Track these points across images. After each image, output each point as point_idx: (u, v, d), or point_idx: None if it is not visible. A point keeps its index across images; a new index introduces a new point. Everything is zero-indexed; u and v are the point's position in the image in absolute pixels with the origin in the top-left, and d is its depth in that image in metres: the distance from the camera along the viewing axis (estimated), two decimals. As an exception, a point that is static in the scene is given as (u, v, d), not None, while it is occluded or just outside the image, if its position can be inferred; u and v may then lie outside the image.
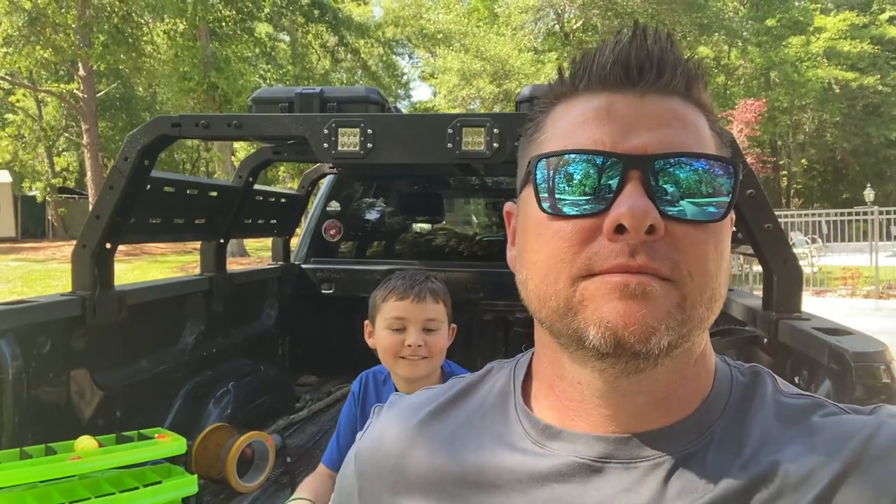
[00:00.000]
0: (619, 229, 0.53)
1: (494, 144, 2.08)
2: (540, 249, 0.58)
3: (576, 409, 0.61)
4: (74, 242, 2.34)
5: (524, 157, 0.64)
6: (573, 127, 0.58)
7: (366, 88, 2.62)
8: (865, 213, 14.35)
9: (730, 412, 0.60)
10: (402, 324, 1.74)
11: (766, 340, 2.03)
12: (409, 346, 1.71)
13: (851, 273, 13.21)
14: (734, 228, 2.28)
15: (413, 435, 0.69)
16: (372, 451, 0.72)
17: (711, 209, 0.55)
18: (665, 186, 0.54)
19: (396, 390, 1.85)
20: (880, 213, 13.73)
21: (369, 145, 2.17)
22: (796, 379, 1.83)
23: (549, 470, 0.59)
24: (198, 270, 3.28)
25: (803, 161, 37.83)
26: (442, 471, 0.65)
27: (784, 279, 2.01)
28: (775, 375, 0.64)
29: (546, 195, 0.57)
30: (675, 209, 0.54)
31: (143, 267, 17.72)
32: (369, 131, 2.17)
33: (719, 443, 0.57)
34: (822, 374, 1.65)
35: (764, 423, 0.58)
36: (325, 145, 2.19)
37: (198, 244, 3.30)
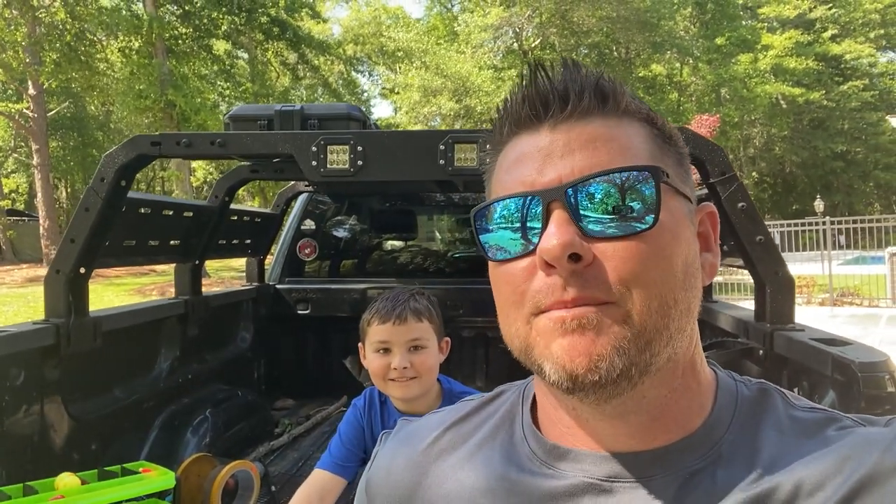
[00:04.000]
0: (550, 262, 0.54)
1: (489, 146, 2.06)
2: (498, 296, 0.61)
3: (578, 430, 0.61)
4: (24, 266, 2.23)
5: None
6: (504, 174, 0.61)
7: (347, 105, 2.58)
8: (817, 224, 14.82)
9: (737, 427, 0.59)
10: (387, 346, 1.73)
11: (761, 352, 2.05)
12: (395, 368, 1.70)
13: (806, 282, 13.60)
14: (719, 241, 2.27)
15: (421, 462, 0.69)
16: (382, 481, 0.72)
17: (637, 220, 0.55)
18: (585, 211, 0.55)
19: (396, 409, 1.82)
20: (832, 223, 14.20)
21: (359, 163, 2.13)
22: (795, 390, 1.84)
23: (560, 491, 0.59)
24: (155, 292, 3.18)
25: (754, 174, 39.07)
26: (453, 497, 0.64)
27: (777, 290, 2.03)
28: (784, 390, 0.63)
29: (489, 244, 0.60)
30: (601, 229, 0.55)
31: (97, 290, 17.11)
32: (359, 148, 2.13)
33: (729, 459, 0.56)
34: (826, 384, 1.67)
35: (776, 438, 0.57)
36: (314, 163, 2.14)
37: (154, 266, 3.19)
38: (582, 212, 0.55)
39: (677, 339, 0.56)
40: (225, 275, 20.32)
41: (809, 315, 11.23)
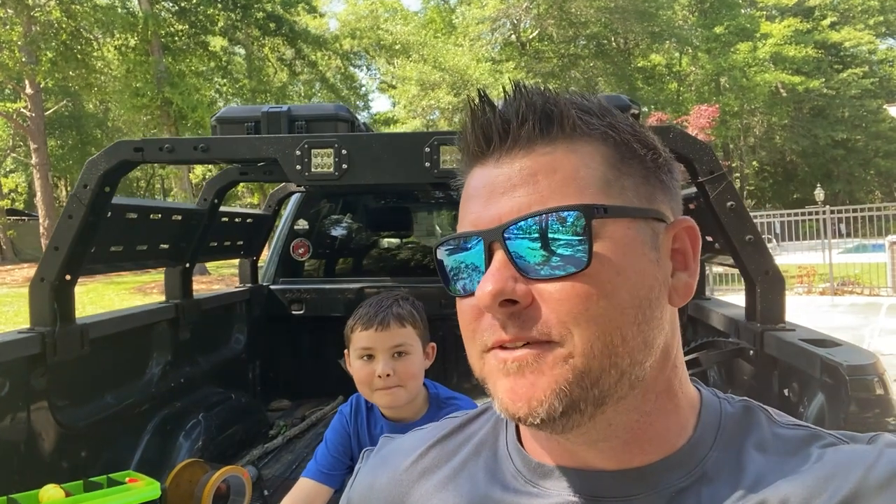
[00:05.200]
0: None
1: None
2: (460, 326, 0.61)
3: (557, 449, 0.61)
4: (25, 266, 2.21)
5: None
6: (461, 208, 0.61)
7: (335, 106, 2.55)
8: (817, 213, 14.76)
9: (720, 445, 0.58)
10: (371, 352, 1.72)
11: (752, 352, 2.03)
12: (379, 375, 1.69)
13: (807, 271, 13.58)
14: (710, 238, 2.24)
15: (404, 482, 0.69)
16: (364, 501, 0.72)
17: (573, 259, 0.53)
18: (523, 252, 0.54)
19: (383, 415, 1.81)
20: (832, 212, 14.16)
21: (344, 166, 2.10)
22: (786, 391, 1.83)
23: None
24: (156, 290, 3.16)
25: (754, 163, 38.99)
26: None
27: (767, 290, 2.01)
28: (768, 408, 0.62)
29: (448, 278, 0.61)
30: (538, 270, 0.54)
31: (98, 289, 17.14)
32: (343, 152, 2.10)
33: (712, 477, 0.56)
34: (815, 386, 1.65)
35: (760, 456, 0.57)
36: (298, 167, 2.12)
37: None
38: (519, 253, 0.54)
39: (634, 371, 0.55)
40: (225, 272, 20.32)
41: (810, 305, 11.21)
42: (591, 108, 0.58)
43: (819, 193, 26.13)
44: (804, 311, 9.99)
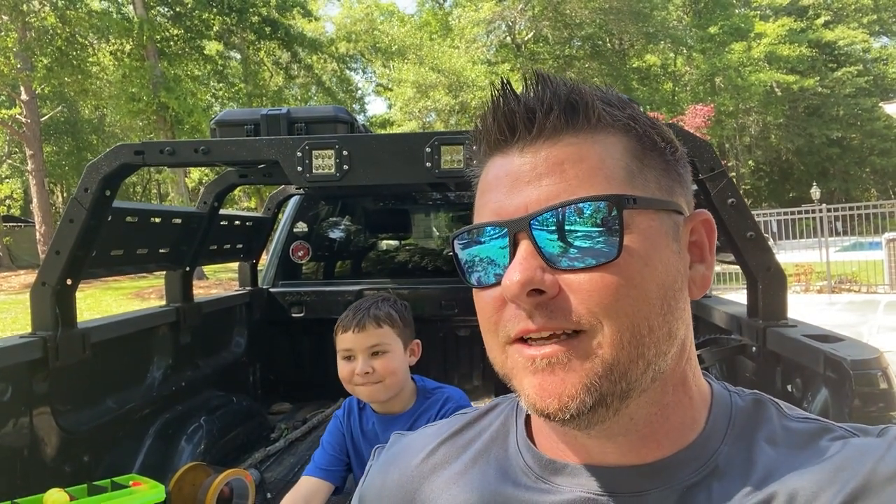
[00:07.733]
0: None
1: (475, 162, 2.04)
2: (479, 319, 0.60)
3: (571, 445, 0.61)
4: (21, 272, 2.20)
5: None
6: (480, 197, 0.61)
7: (334, 108, 2.55)
8: (814, 211, 14.81)
9: (731, 439, 0.58)
10: (351, 353, 1.81)
11: (754, 349, 2.03)
12: (358, 374, 1.78)
13: (804, 269, 13.60)
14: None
15: (415, 478, 0.69)
16: (375, 497, 0.72)
17: (602, 250, 0.53)
18: (550, 242, 0.54)
19: (374, 412, 1.89)
20: (828, 210, 14.19)
21: (345, 167, 2.11)
22: (789, 387, 1.83)
23: None
24: (154, 295, 3.15)
25: (750, 162, 39.04)
26: None
27: (769, 286, 2.01)
28: (778, 401, 0.63)
29: (466, 270, 0.60)
30: (566, 261, 0.53)
31: (96, 294, 17.09)
32: (344, 153, 2.11)
33: (724, 471, 0.56)
34: (818, 382, 1.65)
35: (770, 450, 0.57)
36: (299, 169, 2.12)
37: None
38: (546, 243, 0.54)
39: (658, 363, 0.55)
40: (223, 276, 20.28)
41: (808, 303, 11.22)
42: (612, 100, 0.58)
43: (815, 192, 26.22)
44: (802, 310, 10.00)
